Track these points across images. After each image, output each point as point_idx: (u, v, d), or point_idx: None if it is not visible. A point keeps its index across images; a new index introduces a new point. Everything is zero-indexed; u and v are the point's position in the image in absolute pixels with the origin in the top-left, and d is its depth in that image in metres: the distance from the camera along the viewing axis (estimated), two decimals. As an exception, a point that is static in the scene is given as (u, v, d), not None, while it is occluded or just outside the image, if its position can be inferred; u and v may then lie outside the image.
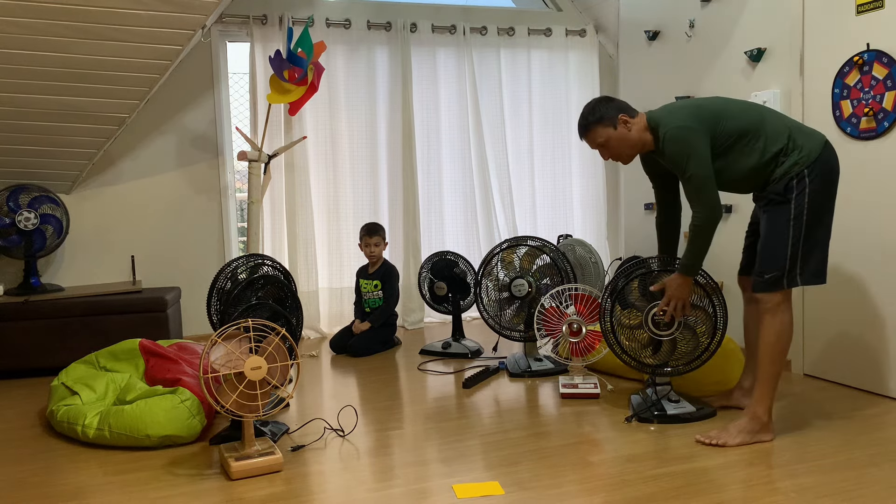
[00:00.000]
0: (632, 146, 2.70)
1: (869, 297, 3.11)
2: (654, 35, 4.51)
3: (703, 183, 2.53)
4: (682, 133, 2.55)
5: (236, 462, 2.40)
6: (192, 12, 3.44)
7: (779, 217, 2.55)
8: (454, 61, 5.04)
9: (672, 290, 2.69)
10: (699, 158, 2.53)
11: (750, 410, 2.60)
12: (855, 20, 3.12)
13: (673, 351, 2.80)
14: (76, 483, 2.43)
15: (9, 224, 4.07)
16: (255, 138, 4.56)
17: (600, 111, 2.69)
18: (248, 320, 2.47)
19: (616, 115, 2.67)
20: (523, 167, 5.24)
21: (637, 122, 2.68)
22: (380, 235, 4.40)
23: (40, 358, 3.91)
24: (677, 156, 2.56)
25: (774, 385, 2.58)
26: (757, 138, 2.57)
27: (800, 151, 2.54)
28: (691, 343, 2.78)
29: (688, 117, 2.58)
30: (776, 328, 2.56)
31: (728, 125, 2.58)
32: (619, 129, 2.67)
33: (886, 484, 2.19)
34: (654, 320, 2.77)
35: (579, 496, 2.17)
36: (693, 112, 2.60)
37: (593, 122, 2.70)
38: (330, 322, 4.84)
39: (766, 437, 2.57)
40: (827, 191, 2.56)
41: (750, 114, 2.62)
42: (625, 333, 2.86)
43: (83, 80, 3.66)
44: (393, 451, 2.62)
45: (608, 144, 2.70)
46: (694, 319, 2.76)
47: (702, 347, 2.78)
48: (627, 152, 2.72)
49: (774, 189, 2.56)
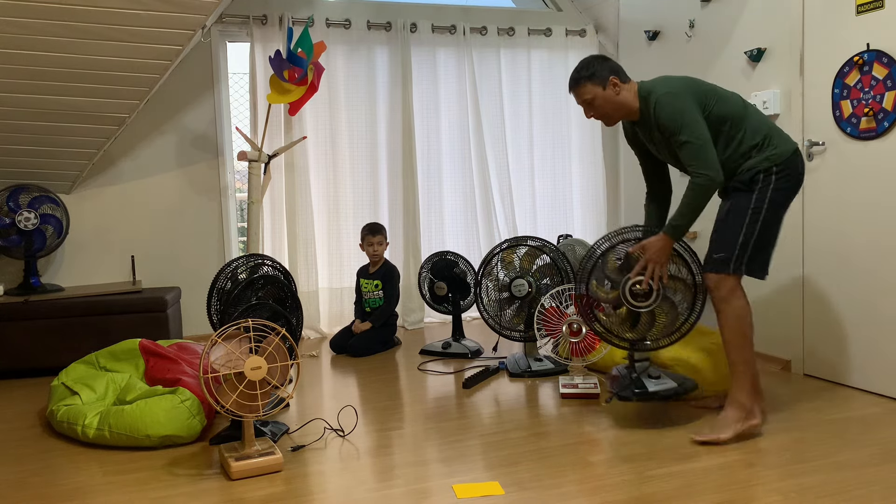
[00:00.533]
0: (616, 108, 2.70)
1: (869, 297, 3.11)
2: (654, 35, 4.51)
3: (701, 146, 2.53)
4: (674, 99, 2.57)
5: (236, 462, 2.40)
6: (192, 12, 3.44)
7: (739, 204, 2.62)
8: (454, 61, 5.04)
9: (651, 253, 2.61)
10: (694, 123, 2.54)
11: (731, 400, 2.61)
12: (855, 20, 3.12)
13: (652, 324, 2.72)
14: (76, 483, 2.43)
15: (9, 224, 4.07)
16: (255, 138, 4.56)
17: (592, 68, 2.69)
18: (248, 320, 2.47)
19: (608, 75, 2.68)
20: (523, 167, 5.24)
21: (627, 88, 2.70)
22: (382, 235, 4.41)
23: (40, 358, 3.91)
24: (670, 121, 2.56)
25: (749, 370, 2.60)
26: (738, 128, 2.62)
27: (773, 149, 2.61)
28: (670, 315, 2.70)
29: (681, 86, 2.62)
30: (734, 315, 2.60)
31: (716, 107, 2.62)
32: (608, 89, 2.68)
33: (886, 484, 2.19)
34: (632, 291, 2.67)
35: (579, 496, 2.17)
36: (685, 82, 2.65)
37: (584, 78, 2.70)
38: (330, 322, 4.84)
39: (755, 421, 2.59)
40: (789, 193, 2.64)
41: (736, 103, 2.67)
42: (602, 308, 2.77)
43: (83, 80, 3.66)
44: (393, 451, 2.62)
45: (594, 103, 2.71)
46: (672, 289, 2.69)
47: (681, 319, 2.71)
48: (611, 114, 2.73)
49: (740, 178, 2.63)
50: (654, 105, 2.60)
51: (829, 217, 3.29)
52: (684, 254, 2.71)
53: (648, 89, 2.65)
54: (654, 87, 2.64)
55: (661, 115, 2.58)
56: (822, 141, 3.30)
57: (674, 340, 2.75)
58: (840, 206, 3.24)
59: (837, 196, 3.24)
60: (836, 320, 3.27)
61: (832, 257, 3.28)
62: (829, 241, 3.29)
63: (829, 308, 3.30)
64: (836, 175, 3.24)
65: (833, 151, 3.26)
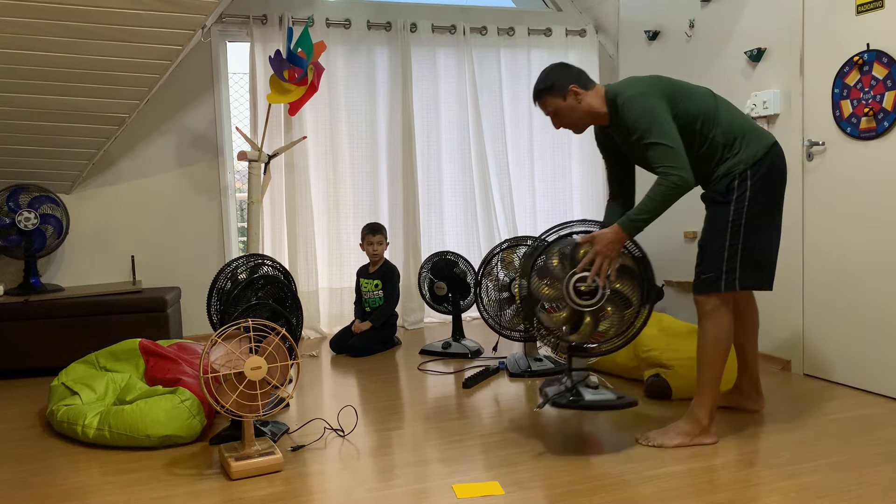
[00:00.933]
0: (581, 118, 2.61)
1: (869, 297, 3.11)
2: (654, 35, 4.51)
3: (671, 146, 2.39)
4: (641, 100, 2.46)
5: (236, 462, 2.40)
6: (192, 12, 3.44)
7: (718, 218, 2.51)
8: (454, 61, 5.04)
9: (601, 245, 2.42)
10: (662, 124, 2.42)
11: (690, 413, 2.58)
12: (855, 20, 3.12)
13: (595, 327, 2.51)
14: (76, 483, 2.43)
15: (9, 224, 4.07)
16: (255, 138, 4.56)
17: (551, 80, 2.61)
18: (248, 320, 2.47)
19: (568, 84, 2.57)
20: (523, 167, 5.24)
21: (590, 94, 2.58)
22: (382, 234, 4.41)
23: (40, 358, 3.91)
24: (638, 122, 2.44)
25: (715, 388, 2.55)
26: (710, 126, 2.51)
27: (746, 150, 2.49)
28: (615, 317, 2.51)
29: (648, 86, 2.51)
30: (714, 333, 2.52)
31: (686, 105, 2.50)
32: (569, 99, 2.58)
33: (886, 484, 2.19)
34: (577, 289, 2.45)
35: (579, 496, 2.17)
36: (653, 82, 2.53)
37: (543, 91, 2.63)
38: (330, 322, 4.85)
39: (708, 441, 2.55)
40: (769, 196, 2.51)
41: (706, 98, 2.55)
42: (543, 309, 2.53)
43: (83, 80, 3.66)
44: (393, 451, 2.62)
45: (557, 114, 2.63)
46: (619, 288, 2.48)
47: (627, 321, 2.51)
48: (577, 123, 2.64)
49: (716, 188, 2.53)
50: (620, 107, 2.49)
51: (829, 217, 3.29)
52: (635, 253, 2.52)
53: (615, 91, 2.54)
54: (620, 90, 2.53)
55: (628, 117, 2.47)
56: (822, 141, 3.30)
57: (617, 346, 2.54)
58: (840, 206, 3.24)
59: (837, 196, 3.24)
60: (836, 320, 3.27)
61: (832, 257, 3.28)
62: (829, 241, 3.29)
63: (829, 308, 3.30)
64: (836, 175, 3.24)
65: (833, 151, 3.26)
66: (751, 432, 2.67)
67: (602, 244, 2.42)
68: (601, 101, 2.58)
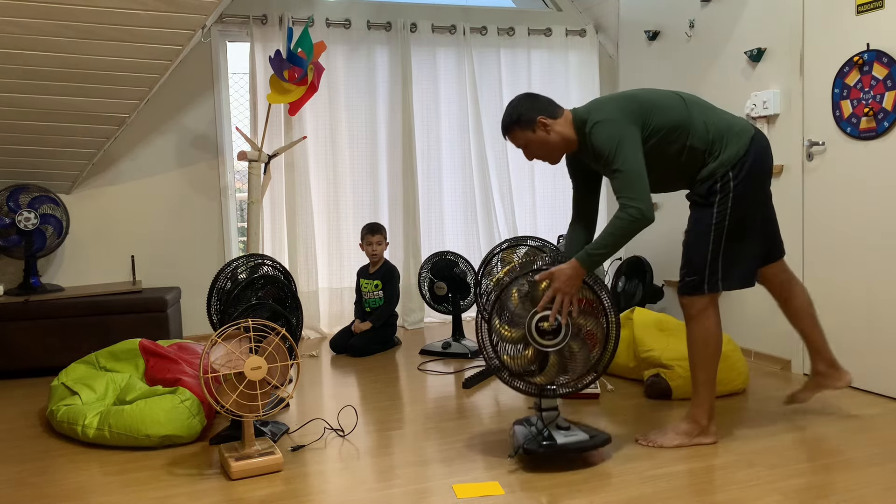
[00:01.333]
0: (553, 149, 2.54)
1: (869, 297, 3.11)
2: (654, 35, 4.51)
3: (634, 176, 2.35)
4: (608, 126, 2.39)
5: (236, 462, 2.40)
6: (192, 12, 3.44)
7: (701, 220, 2.49)
8: (454, 61, 5.04)
9: (559, 283, 2.34)
10: (629, 150, 2.36)
11: (689, 414, 2.58)
12: (855, 20, 3.12)
13: (562, 365, 2.40)
14: (76, 483, 2.43)
15: (9, 224, 4.07)
16: (255, 138, 4.56)
17: (518, 112, 2.51)
18: (248, 320, 2.47)
19: (535, 117, 2.48)
20: (523, 167, 5.23)
21: (558, 123, 2.50)
22: (382, 234, 4.41)
23: (40, 358, 3.91)
24: (604, 149, 2.38)
25: (711, 389, 2.55)
26: (686, 133, 2.46)
27: (726, 151, 2.46)
28: (581, 355, 2.40)
29: (615, 110, 2.43)
30: (702, 336, 2.52)
31: (657, 119, 2.45)
32: (538, 132, 2.50)
33: (886, 484, 2.19)
34: (539, 328, 2.36)
35: (579, 496, 2.17)
36: (621, 104, 2.45)
37: (511, 125, 2.53)
38: (330, 322, 4.85)
39: (707, 441, 2.55)
40: (753, 193, 2.49)
41: (676, 107, 2.49)
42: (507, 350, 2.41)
43: (83, 80, 3.66)
44: (393, 451, 2.62)
45: (528, 147, 2.55)
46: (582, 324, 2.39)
47: (593, 359, 2.41)
48: (549, 154, 2.56)
49: (698, 191, 2.50)
50: (588, 133, 2.43)
51: (829, 217, 3.29)
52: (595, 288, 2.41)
53: (582, 118, 2.48)
54: (587, 115, 2.47)
55: (595, 144, 2.41)
56: (822, 141, 3.30)
57: (583, 386, 2.43)
58: (840, 206, 3.24)
59: (837, 196, 3.24)
60: (835, 320, 3.27)
61: (832, 257, 3.28)
62: (829, 241, 3.29)
63: (829, 308, 3.30)
64: (836, 175, 3.24)
65: (833, 151, 3.26)
66: (751, 432, 2.67)
67: (560, 281, 2.34)
68: (570, 128, 2.51)
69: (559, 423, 2.45)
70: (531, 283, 2.40)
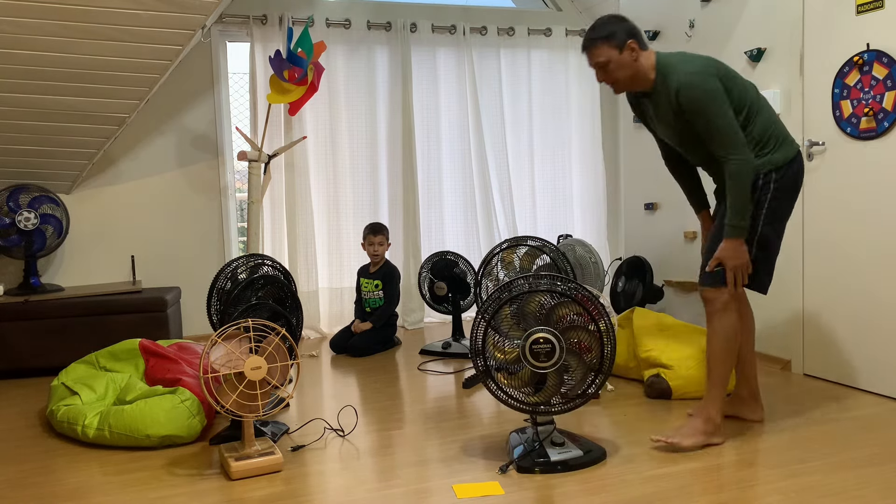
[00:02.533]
0: (631, 76, 2.52)
1: (869, 298, 3.11)
2: (654, 35, 4.51)
3: (734, 131, 2.38)
4: (701, 81, 2.38)
5: (236, 462, 2.40)
6: (192, 12, 3.44)
7: None
8: (454, 61, 5.04)
9: (731, 263, 2.45)
10: (725, 107, 2.39)
11: (704, 413, 2.56)
12: (855, 20, 3.12)
13: (560, 384, 2.37)
14: (76, 483, 2.43)
15: (9, 224, 4.07)
16: (255, 138, 4.56)
17: (610, 28, 2.49)
18: (248, 320, 2.47)
19: (626, 38, 2.47)
20: (523, 167, 5.24)
21: (645, 56, 2.50)
22: (383, 235, 4.41)
23: (40, 358, 3.91)
24: (697, 103, 2.39)
25: (724, 386, 2.56)
26: (751, 120, 2.50)
27: (776, 152, 2.50)
28: (579, 371, 2.36)
29: (704, 66, 2.43)
30: (725, 331, 2.52)
31: (735, 91, 2.47)
32: (625, 53, 2.48)
33: (886, 484, 2.19)
34: (534, 350, 2.32)
35: (579, 496, 2.17)
36: (708, 63, 2.46)
37: (600, 39, 2.49)
38: (330, 322, 4.85)
39: (718, 440, 2.55)
40: (788, 198, 2.52)
41: (752, 92, 2.54)
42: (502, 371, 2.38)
43: (83, 80, 3.66)
44: (393, 451, 2.62)
45: (608, 66, 2.51)
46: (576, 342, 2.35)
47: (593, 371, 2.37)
48: (623, 80, 2.54)
49: None
50: (676, 85, 2.41)
51: (829, 217, 3.29)
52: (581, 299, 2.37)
53: (668, 65, 2.46)
54: (675, 64, 2.45)
55: (688, 97, 2.39)
56: (822, 141, 3.30)
57: (579, 403, 2.39)
58: (840, 206, 3.24)
59: (837, 196, 3.24)
60: (836, 320, 3.27)
61: (832, 257, 3.28)
62: (829, 241, 3.29)
63: (829, 308, 3.30)
64: (836, 175, 3.24)
65: (833, 151, 3.26)
66: (751, 432, 2.67)
67: (731, 261, 2.46)
68: (652, 67, 2.50)
69: (554, 439, 2.44)
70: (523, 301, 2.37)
